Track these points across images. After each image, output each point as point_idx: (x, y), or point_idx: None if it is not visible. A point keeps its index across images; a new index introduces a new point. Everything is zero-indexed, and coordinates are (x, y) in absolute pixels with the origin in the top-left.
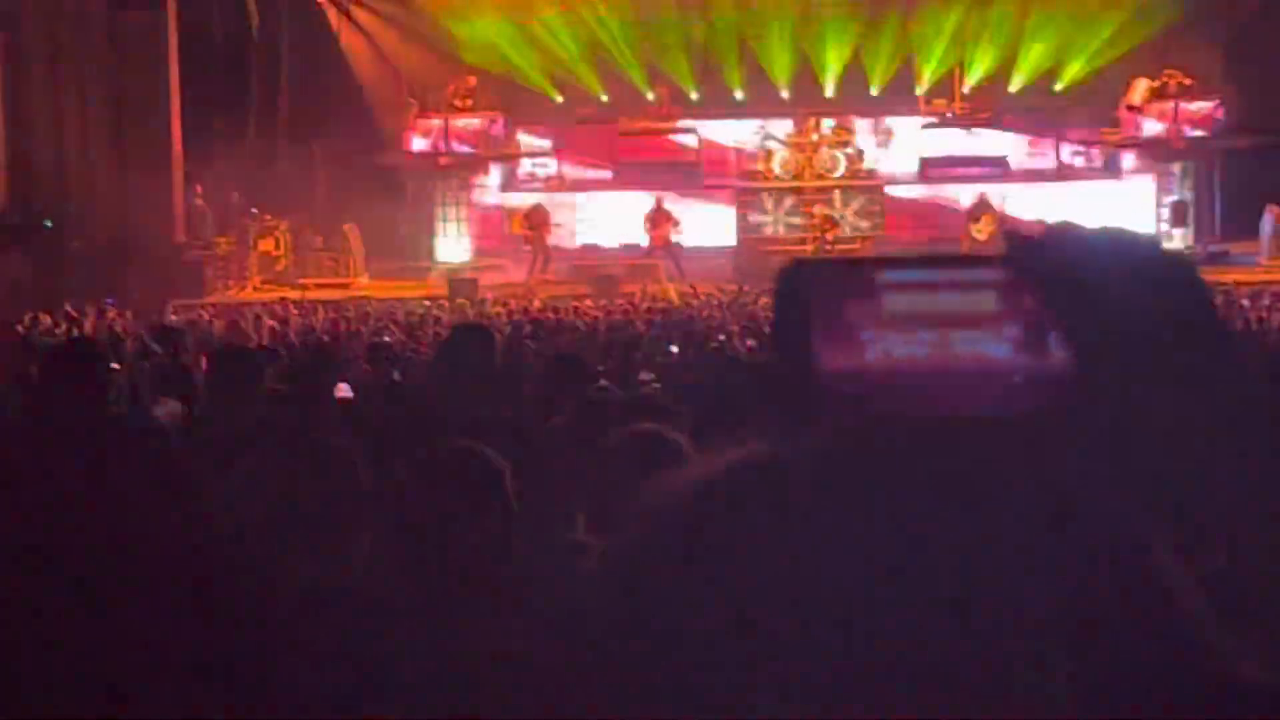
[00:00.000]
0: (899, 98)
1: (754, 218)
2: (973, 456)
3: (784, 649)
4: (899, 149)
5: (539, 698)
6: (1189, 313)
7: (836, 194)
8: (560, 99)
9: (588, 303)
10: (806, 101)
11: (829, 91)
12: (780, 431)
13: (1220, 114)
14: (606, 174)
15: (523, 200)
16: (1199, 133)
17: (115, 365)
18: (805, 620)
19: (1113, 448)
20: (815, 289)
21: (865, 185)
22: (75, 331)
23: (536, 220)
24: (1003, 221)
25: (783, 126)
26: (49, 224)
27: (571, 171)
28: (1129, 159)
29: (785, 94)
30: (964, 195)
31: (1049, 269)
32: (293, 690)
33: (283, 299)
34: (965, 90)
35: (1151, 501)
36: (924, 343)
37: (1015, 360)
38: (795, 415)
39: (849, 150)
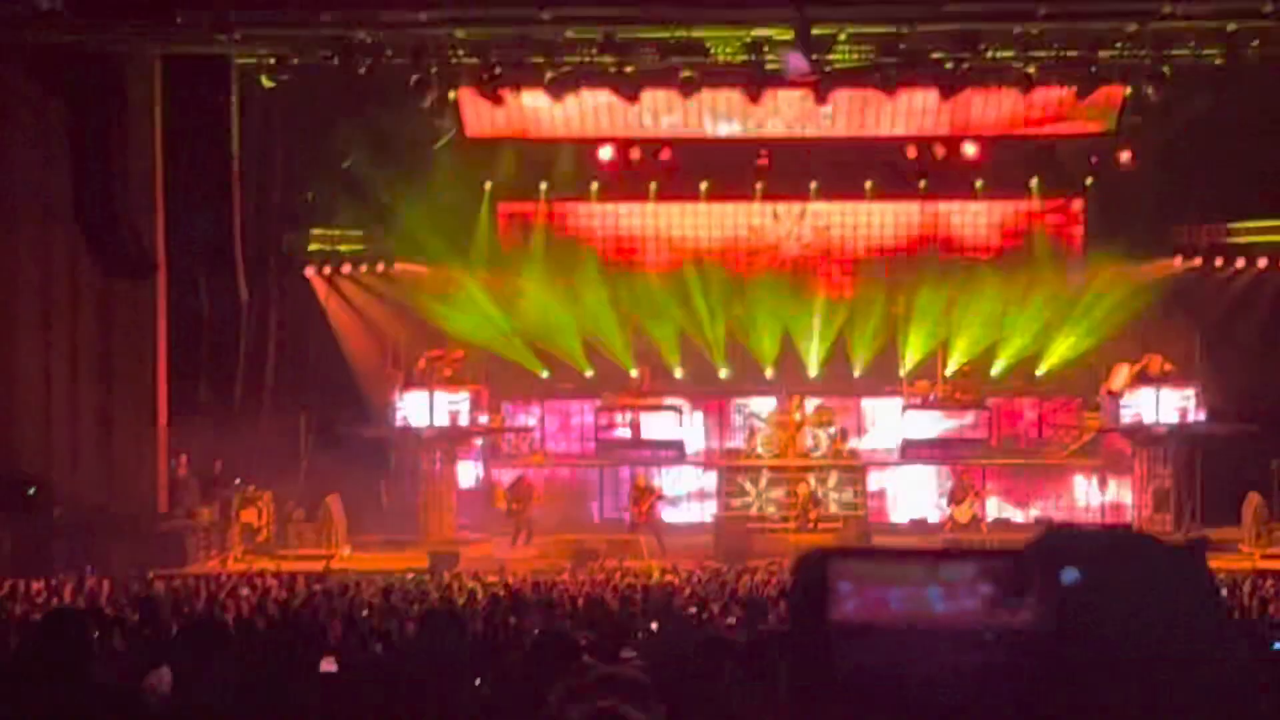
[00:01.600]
0: (882, 378)
1: (737, 495)
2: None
3: None
4: (881, 430)
5: None
6: (1191, 607)
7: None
8: (546, 374)
9: (565, 576)
10: (790, 381)
11: (812, 371)
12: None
13: (1200, 400)
14: (589, 448)
15: (506, 474)
16: (1179, 419)
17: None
18: None
19: None
20: (835, 572)
21: (847, 465)
22: (54, 600)
23: (519, 493)
24: (982, 505)
25: (766, 405)
26: (33, 491)
27: (554, 446)
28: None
29: (769, 373)
30: (945, 477)
31: (1057, 567)
32: None
33: (262, 571)
34: (948, 373)
35: None
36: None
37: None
38: (811, 677)
39: (831, 430)
